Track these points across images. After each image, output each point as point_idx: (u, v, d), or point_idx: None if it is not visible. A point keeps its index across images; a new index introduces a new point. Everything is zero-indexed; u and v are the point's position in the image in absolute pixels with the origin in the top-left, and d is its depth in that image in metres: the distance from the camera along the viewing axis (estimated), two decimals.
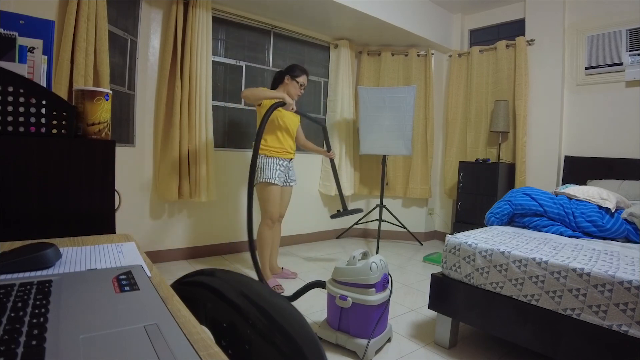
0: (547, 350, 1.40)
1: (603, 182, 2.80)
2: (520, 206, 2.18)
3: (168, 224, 2.97)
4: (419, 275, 2.88)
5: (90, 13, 2.21)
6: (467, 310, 1.68)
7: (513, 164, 3.58)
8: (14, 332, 0.33)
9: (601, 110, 3.15)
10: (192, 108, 2.82)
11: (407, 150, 3.53)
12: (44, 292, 0.44)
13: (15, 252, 0.54)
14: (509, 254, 1.56)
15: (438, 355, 1.71)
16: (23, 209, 0.77)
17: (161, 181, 2.83)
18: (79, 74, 2.15)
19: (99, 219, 0.86)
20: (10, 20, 0.90)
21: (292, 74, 2.54)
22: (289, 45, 3.70)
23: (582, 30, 3.23)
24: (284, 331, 0.54)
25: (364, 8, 3.18)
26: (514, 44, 3.55)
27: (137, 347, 0.33)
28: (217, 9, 3.08)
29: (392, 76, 4.03)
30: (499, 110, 3.50)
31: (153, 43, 2.83)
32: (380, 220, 3.59)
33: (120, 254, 0.65)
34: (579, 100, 3.29)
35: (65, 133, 0.84)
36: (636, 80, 2.92)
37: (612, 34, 3.05)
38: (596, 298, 1.29)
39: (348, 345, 1.67)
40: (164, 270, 2.70)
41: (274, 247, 2.68)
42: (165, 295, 0.48)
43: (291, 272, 2.75)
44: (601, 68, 3.12)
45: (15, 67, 0.82)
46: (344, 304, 1.68)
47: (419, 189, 4.00)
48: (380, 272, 1.70)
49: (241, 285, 0.63)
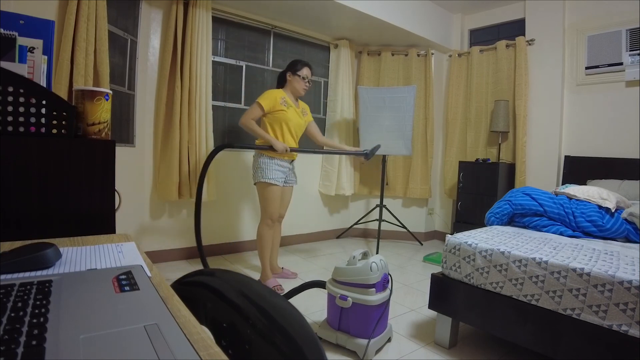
0: (547, 350, 1.40)
1: (603, 182, 2.80)
2: (521, 206, 2.18)
3: (168, 224, 2.97)
4: (419, 275, 2.88)
5: (90, 13, 2.21)
6: (467, 310, 1.68)
7: (513, 164, 3.58)
8: (14, 332, 0.33)
9: (601, 110, 3.15)
10: (192, 108, 2.82)
11: (407, 150, 3.53)
12: (44, 292, 0.44)
13: (15, 252, 0.54)
14: (509, 254, 1.56)
15: (438, 355, 1.71)
16: (23, 209, 0.77)
17: (161, 181, 2.83)
18: (79, 74, 2.15)
19: (99, 219, 0.86)
20: (10, 20, 0.90)
21: (294, 69, 2.48)
22: (289, 45, 3.70)
23: (582, 30, 3.23)
24: (284, 331, 0.54)
25: (364, 8, 3.18)
26: (514, 44, 3.55)
27: (137, 347, 0.33)
28: (217, 9, 3.08)
29: (392, 76, 4.03)
30: (499, 110, 3.50)
31: (153, 43, 2.83)
32: (380, 220, 3.59)
33: (120, 254, 0.65)
34: (579, 100, 3.29)
35: (65, 133, 0.84)
36: (636, 80, 2.92)
37: (612, 34, 3.05)
38: (596, 298, 1.29)
39: (348, 345, 1.67)
40: (164, 270, 2.70)
41: (274, 247, 2.66)
42: (165, 295, 0.48)
43: (291, 272, 2.75)
44: (601, 68, 3.12)
45: (15, 67, 0.82)
46: (344, 304, 1.68)
47: (419, 189, 4.00)
48: (380, 272, 1.70)
49: (241, 285, 0.63)
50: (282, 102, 2.43)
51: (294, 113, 2.48)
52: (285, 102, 2.45)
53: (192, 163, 2.85)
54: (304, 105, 2.65)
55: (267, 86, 3.60)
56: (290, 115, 2.45)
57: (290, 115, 2.45)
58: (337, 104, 3.85)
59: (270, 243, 2.54)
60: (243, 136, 3.44)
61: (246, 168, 3.33)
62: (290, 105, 2.47)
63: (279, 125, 2.45)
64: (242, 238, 3.33)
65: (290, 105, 2.47)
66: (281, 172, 2.45)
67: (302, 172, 3.77)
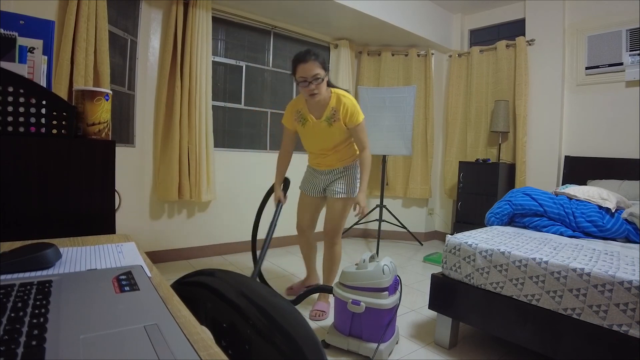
0: (547, 350, 1.40)
1: (603, 182, 2.80)
2: (521, 206, 2.17)
3: (168, 224, 2.97)
4: (419, 275, 2.88)
5: (90, 13, 2.21)
6: (467, 310, 1.68)
7: (513, 164, 3.58)
8: (14, 332, 0.33)
9: (601, 110, 3.15)
10: (192, 108, 2.82)
11: (407, 150, 3.53)
12: (44, 292, 0.44)
13: (15, 252, 0.54)
14: (509, 254, 1.56)
15: (438, 356, 1.71)
16: (23, 209, 0.77)
17: (161, 181, 2.83)
18: (79, 74, 2.15)
19: (99, 219, 0.86)
20: (10, 20, 0.90)
21: (292, 73, 1.92)
22: (289, 45, 3.70)
23: (582, 30, 3.23)
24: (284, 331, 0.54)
25: (364, 8, 3.18)
26: (514, 44, 3.55)
27: (137, 347, 0.33)
28: (217, 9, 3.08)
29: (392, 76, 4.03)
30: (499, 110, 3.50)
31: (153, 43, 2.83)
32: (381, 220, 3.59)
33: (120, 254, 0.65)
34: (579, 100, 3.29)
35: (65, 133, 0.83)
36: (636, 80, 2.92)
37: (612, 34, 3.05)
38: (596, 298, 1.29)
39: (361, 351, 1.63)
40: (164, 270, 2.70)
41: (305, 258, 2.42)
42: (165, 295, 0.48)
43: (321, 308, 2.11)
44: (601, 68, 3.12)
45: (15, 67, 0.82)
46: (356, 309, 1.62)
47: (419, 189, 4.00)
48: (392, 275, 1.68)
49: (241, 285, 0.63)
50: (296, 118, 2.05)
51: (311, 127, 2.00)
52: (301, 115, 2.02)
53: (192, 163, 2.85)
54: (335, 107, 1.94)
55: (267, 86, 3.61)
56: (306, 131, 2.03)
57: (307, 131, 2.03)
58: None
59: (304, 250, 2.37)
60: (245, 135, 3.44)
61: (245, 168, 3.34)
62: (306, 118, 2.00)
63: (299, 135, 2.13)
64: (242, 238, 3.32)
65: (305, 117, 2.00)
66: (310, 181, 2.20)
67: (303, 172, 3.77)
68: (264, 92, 3.58)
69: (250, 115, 3.45)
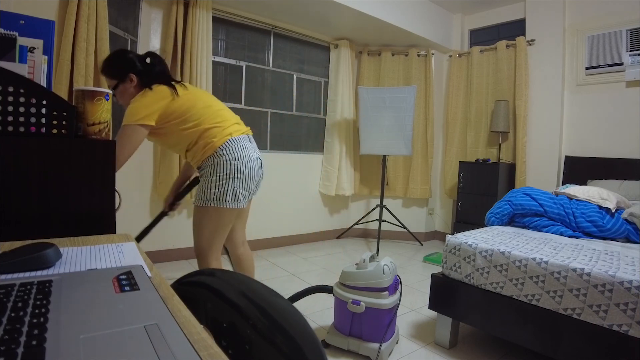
0: (547, 350, 1.40)
1: (603, 182, 2.80)
2: (521, 206, 2.17)
3: (168, 224, 2.96)
4: (419, 275, 2.88)
5: (91, 13, 2.21)
6: (467, 310, 1.68)
7: (513, 164, 3.58)
8: (14, 332, 0.33)
9: (601, 110, 3.15)
10: None
11: (407, 150, 3.53)
12: (44, 292, 0.44)
13: (15, 252, 0.54)
14: (509, 254, 1.56)
15: (438, 355, 1.71)
16: (23, 209, 0.77)
17: (161, 181, 2.83)
18: (79, 74, 2.15)
19: (99, 219, 0.86)
20: (11, 20, 0.90)
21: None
22: (289, 45, 3.70)
23: (582, 31, 3.23)
24: (284, 331, 0.54)
25: (364, 8, 3.18)
26: (514, 44, 3.55)
27: (137, 347, 0.33)
28: (217, 9, 3.08)
29: (392, 76, 4.03)
30: (499, 110, 3.50)
31: (153, 43, 2.83)
32: (381, 220, 3.59)
33: (121, 254, 0.65)
34: (579, 100, 3.29)
35: (65, 133, 0.83)
36: (636, 80, 2.92)
37: (612, 34, 3.05)
38: (596, 298, 1.29)
39: (361, 351, 1.64)
40: (164, 270, 2.70)
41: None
42: (166, 295, 0.48)
43: None
44: (601, 68, 3.12)
45: (15, 67, 0.82)
46: (357, 309, 1.63)
47: (419, 189, 4.00)
48: (392, 275, 1.69)
49: (241, 285, 0.63)
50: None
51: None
52: None
53: None
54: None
55: (267, 86, 3.61)
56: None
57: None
58: (337, 104, 3.85)
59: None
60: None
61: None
62: None
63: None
64: None
65: None
66: None
67: (303, 172, 3.79)
68: (264, 92, 3.58)
69: (250, 115, 3.45)
